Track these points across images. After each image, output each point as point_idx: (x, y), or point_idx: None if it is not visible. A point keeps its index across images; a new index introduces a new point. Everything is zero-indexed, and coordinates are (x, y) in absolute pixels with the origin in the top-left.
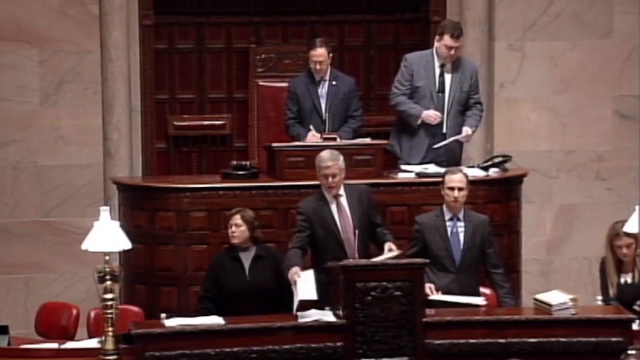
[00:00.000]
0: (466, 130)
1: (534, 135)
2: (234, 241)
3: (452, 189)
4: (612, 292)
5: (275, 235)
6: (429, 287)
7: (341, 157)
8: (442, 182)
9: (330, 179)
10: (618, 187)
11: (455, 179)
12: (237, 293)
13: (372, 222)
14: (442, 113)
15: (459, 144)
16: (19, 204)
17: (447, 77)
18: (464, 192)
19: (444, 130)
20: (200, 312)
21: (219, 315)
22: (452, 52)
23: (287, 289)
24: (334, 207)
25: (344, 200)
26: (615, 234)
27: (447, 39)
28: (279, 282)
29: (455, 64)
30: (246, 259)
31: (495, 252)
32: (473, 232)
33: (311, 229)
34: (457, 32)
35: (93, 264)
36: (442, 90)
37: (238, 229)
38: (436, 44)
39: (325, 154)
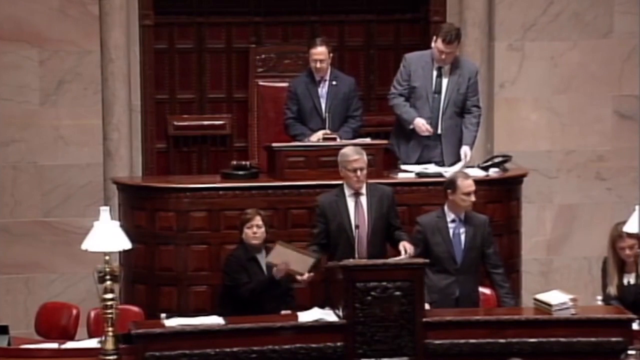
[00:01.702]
0: (464, 151)
1: (534, 135)
2: (255, 242)
3: (468, 194)
4: (613, 292)
5: (275, 235)
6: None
7: (364, 152)
8: (453, 188)
9: (359, 173)
10: (618, 187)
11: (470, 184)
12: (257, 293)
13: (389, 224)
14: (438, 114)
15: (457, 143)
16: (19, 204)
17: (444, 79)
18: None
19: (439, 132)
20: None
21: (237, 314)
22: (443, 56)
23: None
24: (351, 205)
25: (363, 199)
26: (618, 235)
27: (439, 43)
28: (287, 280)
29: (454, 65)
30: (262, 259)
31: (495, 252)
32: (474, 232)
33: (326, 223)
34: (449, 37)
35: (93, 264)
36: (438, 91)
37: (259, 229)
38: (432, 45)
39: (349, 149)
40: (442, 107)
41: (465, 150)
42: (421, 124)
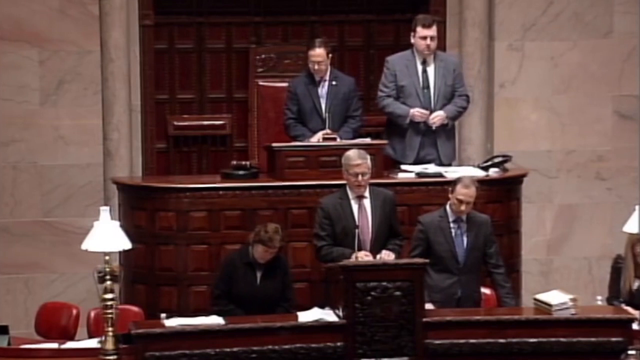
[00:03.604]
0: (437, 113)
1: (534, 135)
2: (261, 262)
3: (460, 201)
4: (625, 294)
5: None
6: None
7: (369, 157)
8: (453, 187)
9: (360, 177)
10: (618, 187)
11: (467, 193)
12: (245, 298)
13: (391, 229)
14: (430, 109)
15: (452, 142)
16: (19, 204)
17: (430, 73)
18: (471, 205)
19: (433, 128)
20: (218, 312)
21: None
22: (428, 41)
23: (286, 296)
24: (355, 207)
25: (367, 202)
26: (637, 239)
27: (419, 30)
28: (283, 289)
29: (437, 59)
30: (259, 268)
31: (497, 252)
32: (476, 232)
33: (331, 225)
34: (427, 21)
35: (93, 264)
36: (426, 86)
37: (270, 255)
38: (412, 40)
39: (353, 152)
40: (433, 102)
41: (438, 112)
42: (416, 112)
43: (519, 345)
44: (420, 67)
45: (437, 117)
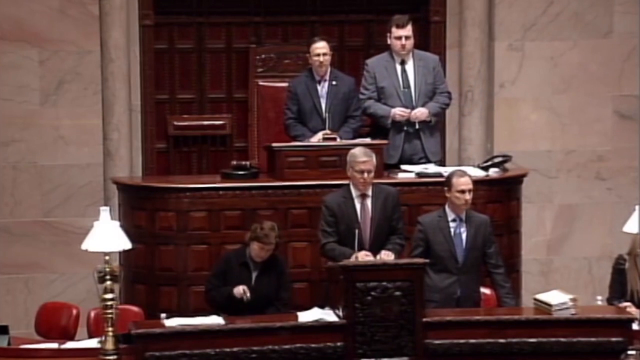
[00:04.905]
0: (418, 109)
1: (534, 135)
2: (256, 259)
3: (462, 191)
4: (628, 295)
5: None
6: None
7: (374, 155)
8: (448, 186)
9: (365, 175)
10: (618, 187)
11: (465, 182)
12: (239, 298)
13: (391, 226)
14: (411, 108)
15: (436, 138)
16: (19, 204)
17: (410, 73)
18: (472, 194)
19: (417, 126)
20: (211, 300)
21: (220, 313)
22: (403, 41)
23: (281, 295)
24: (358, 206)
25: (369, 201)
26: None
27: (394, 31)
28: (278, 289)
29: (415, 58)
30: (255, 267)
31: (496, 252)
32: (475, 232)
33: (336, 223)
34: (401, 22)
35: (93, 264)
36: (407, 86)
37: (267, 253)
38: (389, 41)
39: (358, 150)
40: (414, 100)
41: (420, 108)
42: (398, 111)
43: (519, 345)
44: (399, 68)
45: (420, 113)
